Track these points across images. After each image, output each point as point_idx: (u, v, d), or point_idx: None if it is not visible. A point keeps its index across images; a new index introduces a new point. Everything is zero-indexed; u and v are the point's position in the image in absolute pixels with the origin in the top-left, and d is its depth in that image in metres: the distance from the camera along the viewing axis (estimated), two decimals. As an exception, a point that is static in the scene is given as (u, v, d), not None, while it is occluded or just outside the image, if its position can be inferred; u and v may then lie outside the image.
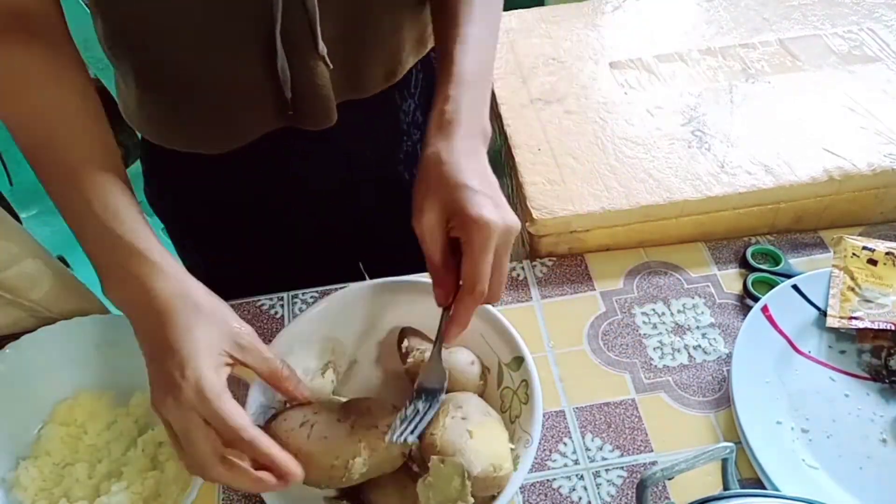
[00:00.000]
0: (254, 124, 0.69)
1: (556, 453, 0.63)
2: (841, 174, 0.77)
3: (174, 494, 0.59)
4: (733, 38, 0.96)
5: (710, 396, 0.67)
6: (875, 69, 0.89)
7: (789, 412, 0.64)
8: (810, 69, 0.90)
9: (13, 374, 0.64)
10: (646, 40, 0.97)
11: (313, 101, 0.66)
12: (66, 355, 0.66)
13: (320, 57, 0.63)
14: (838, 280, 0.72)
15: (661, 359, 0.70)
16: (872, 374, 0.67)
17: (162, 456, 0.63)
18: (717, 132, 0.83)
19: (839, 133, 0.82)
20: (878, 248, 0.73)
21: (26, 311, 0.68)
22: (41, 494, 0.61)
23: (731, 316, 0.73)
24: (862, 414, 0.64)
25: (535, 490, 0.61)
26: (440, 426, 0.55)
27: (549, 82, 0.91)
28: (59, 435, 0.64)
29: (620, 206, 0.76)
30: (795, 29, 0.96)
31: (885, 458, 0.61)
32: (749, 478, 0.61)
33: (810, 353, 0.68)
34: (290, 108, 0.67)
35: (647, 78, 0.91)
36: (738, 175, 0.78)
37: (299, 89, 0.65)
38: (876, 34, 0.94)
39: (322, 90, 0.66)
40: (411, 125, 0.81)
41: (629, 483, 0.61)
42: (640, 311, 0.74)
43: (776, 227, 0.81)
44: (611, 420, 0.65)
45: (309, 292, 0.75)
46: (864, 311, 0.69)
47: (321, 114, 0.68)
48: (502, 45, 0.97)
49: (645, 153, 0.81)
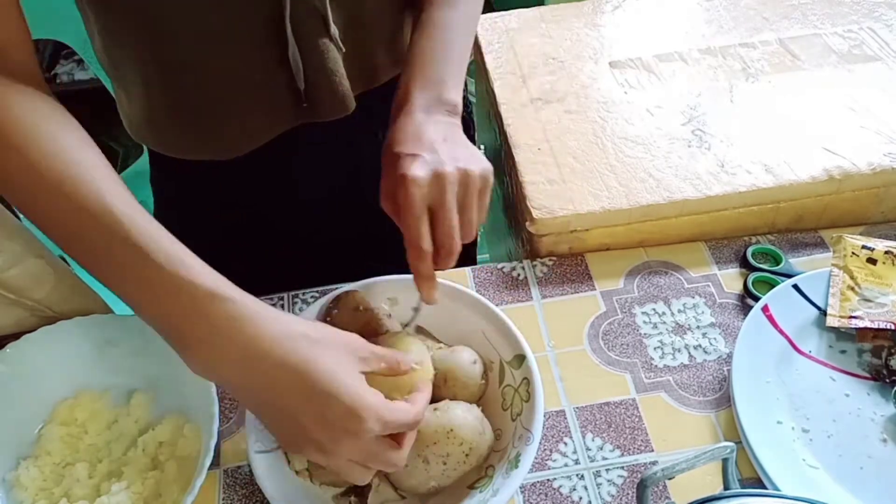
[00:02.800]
0: (268, 121, 0.68)
1: (556, 453, 0.63)
2: (841, 174, 0.77)
3: (174, 494, 0.59)
4: (733, 38, 0.96)
5: (711, 396, 0.67)
6: (875, 68, 0.89)
7: (790, 412, 0.64)
8: (810, 69, 0.90)
9: (13, 374, 0.64)
10: (646, 40, 0.97)
11: (328, 89, 0.66)
12: (67, 355, 0.66)
13: (332, 40, 0.63)
14: (838, 279, 0.72)
15: (661, 358, 0.70)
16: (873, 373, 0.67)
17: (162, 456, 0.63)
18: (717, 131, 0.83)
19: (839, 132, 0.82)
20: (877, 248, 0.73)
21: (29, 311, 0.68)
22: (41, 494, 0.61)
23: (732, 315, 0.73)
24: (862, 414, 0.64)
25: (535, 490, 0.61)
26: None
27: (548, 82, 0.91)
28: (59, 435, 0.64)
29: (620, 206, 0.76)
30: (795, 28, 0.96)
31: (886, 458, 0.61)
32: (749, 477, 0.61)
33: (811, 352, 0.68)
34: (303, 100, 0.66)
35: (647, 77, 0.91)
36: (739, 174, 0.78)
37: (312, 78, 0.64)
38: (876, 33, 0.94)
39: (336, 76, 0.65)
40: None
41: (629, 483, 0.61)
42: (641, 311, 0.74)
43: (776, 227, 0.81)
44: (611, 420, 0.65)
45: (309, 292, 0.75)
46: (864, 311, 0.69)
47: (337, 101, 0.67)
48: (502, 44, 0.97)
49: (645, 153, 0.81)
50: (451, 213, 0.55)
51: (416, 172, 0.53)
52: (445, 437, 0.56)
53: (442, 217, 0.55)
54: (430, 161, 0.55)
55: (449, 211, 0.55)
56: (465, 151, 0.57)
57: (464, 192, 0.56)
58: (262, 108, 0.67)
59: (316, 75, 0.65)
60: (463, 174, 0.55)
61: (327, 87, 0.66)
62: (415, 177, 0.53)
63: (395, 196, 0.56)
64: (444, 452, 0.56)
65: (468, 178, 0.56)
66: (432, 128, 0.58)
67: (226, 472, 0.63)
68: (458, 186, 0.55)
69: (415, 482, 0.57)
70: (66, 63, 2.24)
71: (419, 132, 0.57)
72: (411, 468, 0.56)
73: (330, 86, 0.66)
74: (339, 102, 0.67)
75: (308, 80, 0.65)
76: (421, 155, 0.55)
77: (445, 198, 0.54)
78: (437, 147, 0.56)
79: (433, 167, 0.54)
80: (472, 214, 0.57)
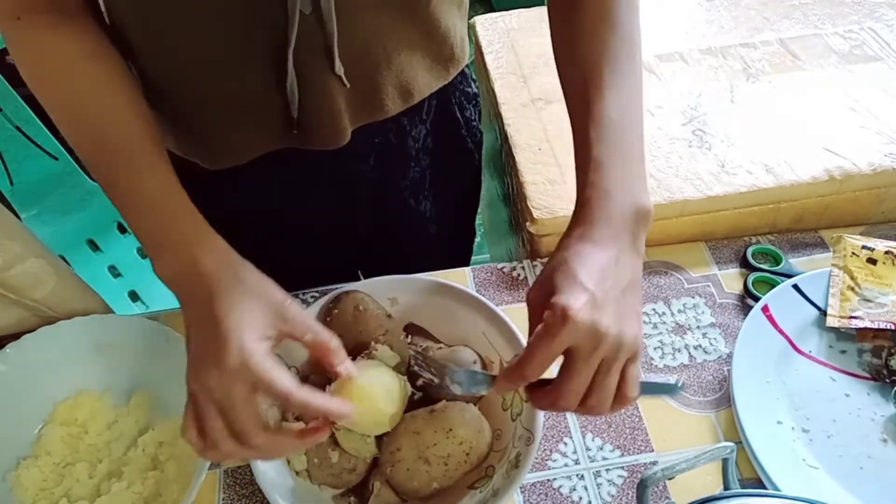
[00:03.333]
0: (255, 142, 0.67)
1: (556, 453, 0.63)
2: (841, 174, 0.77)
3: (175, 494, 0.59)
4: (734, 38, 0.96)
5: (711, 396, 0.67)
6: (875, 69, 0.89)
7: (790, 412, 0.64)
8: (811, 69, 0.90)
9: (14, 374, 0.64)
10: (646, 40, 0.95)
11: (323, 121, 0.64)
12: (67, 355, 0.67)
13: (336, 77, 0.61)
14: (838, 279, 0.72)
15: (661, 358, 0.70)
16: (873, 373, 0.67)
17: (162, 456, 0.63)
18: (718, 132, 0.83)
19: (840, 132, 0.82)
20: (877, 248, 0.73)
21: (29, 311, 0.68)
22: (42, 494, 0.61)
23: (732, 316, 0.73)
24: (862, 414, 0.64)
25: (535, 490, 0.61)
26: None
27: (549, 82, 0.91)
28: (59, 435, 0.64)
29: (621, 206, 0.76)
30: (796, 28, 0.96)
31: (886, 458, 0.61)
32: (749, 477, 0.61)
33: (811, 352, 0.68)
34: (294, 127, 0.65)
35: (648, 77, 0.91)
36: (739, 174, 0.78)
37: (308, 108, 0.63)
38: (876, 34, 0.94)
39: (333, 112, 0.64)
40: (420, 151, 0.77)
41: (630, 483, 0.61)
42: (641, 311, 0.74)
43: (777, 227, 0.81)
44: (611, 420, 0.65)
45: (309, 292, 0.75)
46: (864, 311, 0.69)
47: (331, 134, 0.65)
48: (503, 44, 0.97)
49: (645, 153, 0.81)
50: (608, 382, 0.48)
51: (581, 315, 0.46)
52: (445, 437, 0.56)
53: (599, 382, 0.48)
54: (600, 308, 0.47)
55: (608, 378, 0.48)
56: (630, 309, 0.49)
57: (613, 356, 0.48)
58: (251, 127, 0.66)
59: (313, 107, 0.63)
60: (631, 345, 0.48)
61: (323, 120, 0.64)
62: (579, 321, 0.46)
63: (536, 289, 0.50)
64: (445, 453, 0.56)
65: (631, 350, 0.49)
66: (613, 251, 0.50)
67: (226, 472, 0.63)
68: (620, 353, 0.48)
69: (417, 484, 0.57)
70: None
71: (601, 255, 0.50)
72: (413, 471, 0.56)
73: (326, 120, 0.64)
74: (332, 135, 0.66)
75: (304, 109, 0.63)
76: (594, 293, 0.47)
77: (606, 363, 0.48)
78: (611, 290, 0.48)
79: (598, 319, 0.46)
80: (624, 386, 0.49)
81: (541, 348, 0.47)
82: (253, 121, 0.65)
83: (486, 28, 1.00)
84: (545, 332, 0.46)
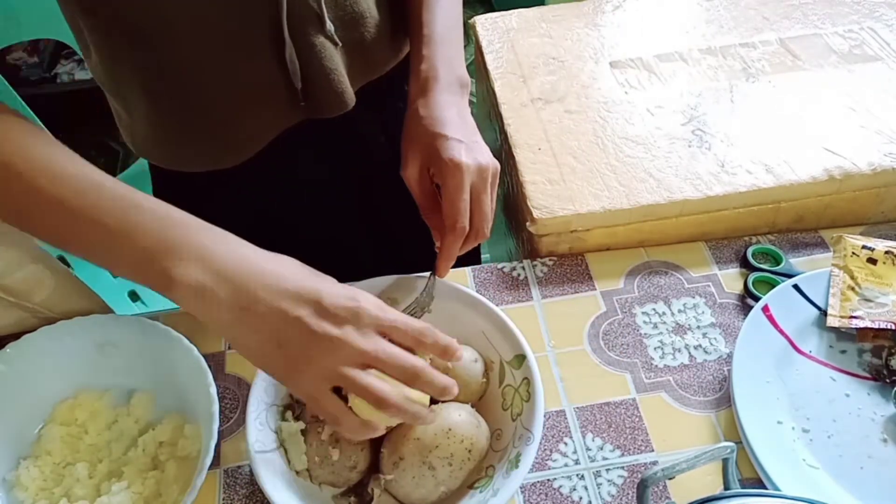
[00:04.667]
0: (268, 121, 0.68)
1: (556, 453, 0.63)
2: (841, 173, 0.77)
3: (174, 494, 0.59)
4: (734, 38, 0.96)
5: (711, 396, 0.67)
6: (875, 68, 0.89)
7: (790, 412, 0.64)
8: (811, 68, 0.90)
9: (14, 374, 0.64)
10: (646, 40, 0.97)
11: (326, 86, 0.66)
12: (67, 355, 0.66)
13: (328, 37, 0.64)
14: (838, 279, 0.72)
15: (661, 358, 0.70)
16: (873, 373, 0.67)
17: (162, 456, 0.63)
18: (718, 131, 0.83)
19: (840, 132, 0.82)
20: (877, 248, 0.73)
21: (29, 313, 0.68)
22: (42, 494, 0.61)
23: (732, 315, 0.73)
24: (862, 414, 0.64)
25: (535, 490, 0.61)
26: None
27: (549, 82, 0.91)
28: (59, 434, 0.64)
29: (621, 206, 0.76)
30: (796, 28, 0.96)
31: (886, 458, 0.61)
32: (749, 478, 0.61)
33: (811, 352, 0.68)
34: (301, 99, 0.66)
35: (648, 77, 0.91)
36: (739, 174, 0.78)
37: (310, 76, 0.65)
38: (876, 33, 0.94)
39: (333, 73, 0.66)
40: None
41: (630, 483, 0.61)
42: (641, 311, 0.74)
43: (777, 227, 0.81)
44: (611, 420, 0.65)
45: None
46: (864, 311, 0.69)
47: (336, 98, 0.67)
48: (503, 44, 0.97)
49: (645, 152, 0.81)
50: (489, 200, 0.62)
51: (466, 160, 0.60)
52: (445, 437, 0.56)
53: (483, 202, 0.61)
54: (471, 148, 0.61)
55: (487, 197, 0.62)
56: (482, 143, 0.64)
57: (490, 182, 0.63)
58: (261, 108, 0.67)
59: (313, 73, 0.65)
60: (494, 168, 0.63)
61: (325, 84, 0.66)
62: (467, 164, 0.60)
63: (424, 169, 0.63)
64: (448, 453, 0.56)
65: (495, 172, 0.63)
66: (462, 112, 0.64)
67: (226, 472, 0.63)
68: (491, 178, 0.62)
69: (424, 492, 0.56)
70: (66, 63, 2.24)
71: (456, 118, 0.63)
72: (418, 479, 0.56)
73: (328, 83, 0.66)
74: (338, 99, 0.68)
75: (306, 78, 0.65)
76: (464, 142, 0.61)
77: (485, 187, 0.62)
78: (473, 134, 0.63)
79: (475, 157, 0.61)
80: (492, 205, 0.64)
81: (458, 196, 0.59)
82: (262, 100, 0.67)
83: (486, 28, 1.00)
84: (453, 185, 0.59)
